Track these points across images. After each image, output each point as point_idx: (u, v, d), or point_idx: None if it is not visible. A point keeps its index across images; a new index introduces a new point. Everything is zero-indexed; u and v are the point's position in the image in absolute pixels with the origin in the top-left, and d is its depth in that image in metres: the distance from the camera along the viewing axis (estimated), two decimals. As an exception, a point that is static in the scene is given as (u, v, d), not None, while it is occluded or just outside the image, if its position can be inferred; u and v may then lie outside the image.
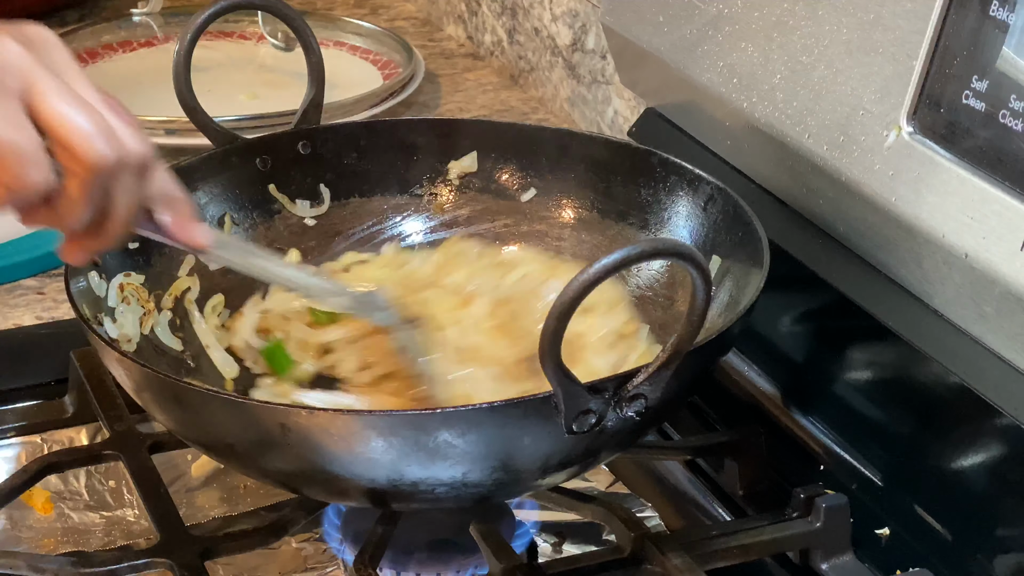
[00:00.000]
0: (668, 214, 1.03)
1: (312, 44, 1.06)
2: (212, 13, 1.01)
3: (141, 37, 1.66)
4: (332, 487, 0.84)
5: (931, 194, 0.87)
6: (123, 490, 1.00)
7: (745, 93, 1.02)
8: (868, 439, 0.96)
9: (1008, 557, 0.86)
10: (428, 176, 1.10)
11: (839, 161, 0.94)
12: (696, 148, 1.12)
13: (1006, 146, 0.83)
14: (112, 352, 0.84)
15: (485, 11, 1.68)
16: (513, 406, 0.78)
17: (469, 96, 1.60)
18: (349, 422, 0.79)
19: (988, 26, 0.84)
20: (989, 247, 0.83)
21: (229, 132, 1.05)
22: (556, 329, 0.73)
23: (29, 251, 1.23)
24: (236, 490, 1.01)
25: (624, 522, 0.89)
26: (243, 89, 1.54)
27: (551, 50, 1.54)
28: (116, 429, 0.98)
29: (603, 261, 0.72)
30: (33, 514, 0.99)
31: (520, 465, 0.81)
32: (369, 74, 1.60)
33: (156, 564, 0.87)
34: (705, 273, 0.74)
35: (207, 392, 0.84)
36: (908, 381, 0.93)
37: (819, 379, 1.00)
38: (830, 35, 0.95)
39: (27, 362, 1.10)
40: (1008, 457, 0.86)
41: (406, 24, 1.79)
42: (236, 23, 1.69)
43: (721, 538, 0.90)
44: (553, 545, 0.96)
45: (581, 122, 1.50)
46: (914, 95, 0.89)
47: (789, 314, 1.03)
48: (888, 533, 0.93)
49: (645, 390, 0.78)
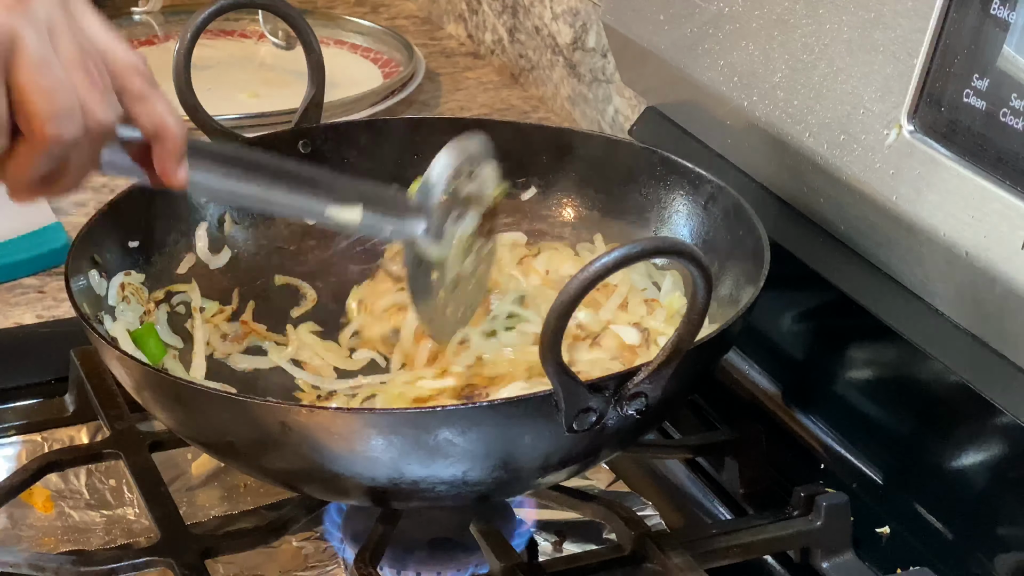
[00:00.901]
0: (668, 213, 1.03)
1: (312, 43, 1.06)
2: (213, 11, 1.01)
3: (141, 35, 1.66)
4: (332, 486, 0.84)
5: (932, 193, 0.87)
6: (123, 489, 1.00)
7: (746, 92, 1.02)
8: (869, 438, 0.96)
9: (1008, 556, 0.86)
10: (428, 175, 1.10)
11: (840, 160, 0.94)
12: (697, 147, 1.12)
13: (1007, 145, 0.83)
14: (112, 351, 0.84)
15: (486, 10, 1.68)
16: (513, 404, 0.79)
17: (470, 95, 1.60)
18: (349, 420, 0.79)
19: (989, 25, 0.84)
20: (989, 246, 0.83)
21: (229, 131, 1.05)
22: (556, 328, 0.73)
23: (29, 250, 1.23)
24: (236, 489, 1.01)
25: (625, 521, 0.89)
26: (243, 88, 1.55)
27: (552, 49, 1.54)
28: (116, 428, 0.98)
29: (603, 259, 0.72)
30: (33, 513, 0.99)
31: (520, 463, 0.81)
32: (370, 73, 1.60)
33: (156, 563, 0.87)
34: (705, 271, 0.74)
35: (207, 390, 0.84)
36: (908, 380, 0.93)
37: (820, 378, 1.00)
38: (831, 34, 0.95)
39: (27, 360, 1.10)
40: (1008, 456, 0.86)
41: (407, 23, 1.79)
42: (236, 22, 1.69)
43: (721, 537, 0.90)
44: (553, 544, 0.96)
45: (582, 121, 1.50)
46: (915, 94, 0.89)
47: (789, 313, 1.03)
48: (888, 532, 0.93)
49: (645, 388, 0.78)
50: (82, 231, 0.94)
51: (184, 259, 1.02)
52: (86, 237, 0.94)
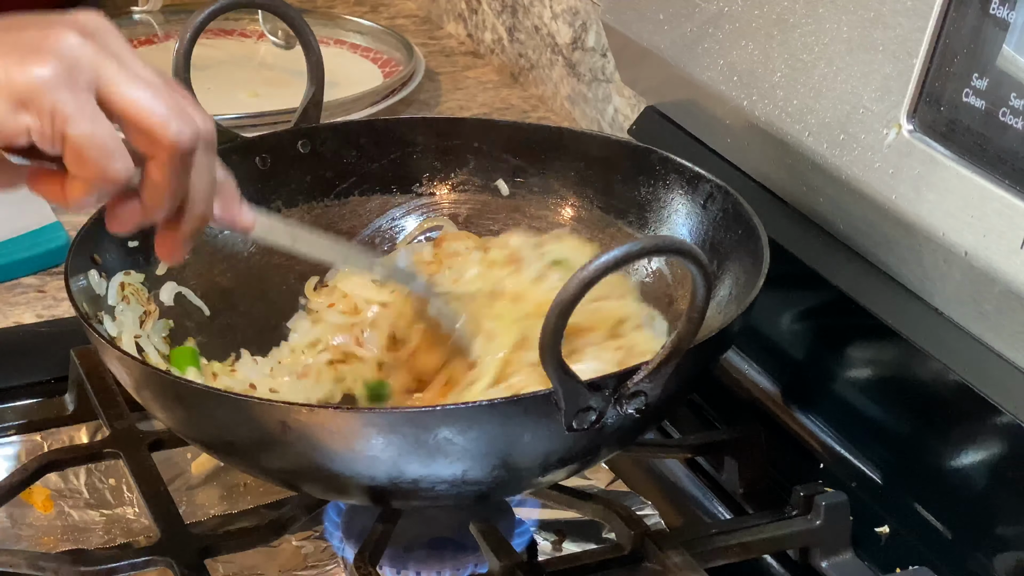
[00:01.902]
0: (668, 212, 1.03)
1: (312, 42, 1.06)
2: (212, 11, 1.01)
3: (141, 35, 1.66)
4: (332, 485, 0.84)
5: (931, 192, 0.87)
6: (123, 488, 1.00)
7: (745, 91, 1.02)
8: (868, 437, 0.96)
9: (1007, 555, 0.86)
10: (428, 175, 1.10)
11: (839, 159, 0.94)
12: (696, 146, 1.12)
13: (1006, 144, 0.83)
14: (112, 350, 0.84)
15: (485, 9, 1.68)
16: (513, 403, 0.79)
17: (469, 94, 1.60)
18: (349, 420, 0.79)
19: (988, 24, 0.84)
20: (989, 245, 0.83)
21: (229, 130, 1.05)
22: (556, 327, 0.73)
23: (29, 249, 1.23)
24: (236, 488, 1.01)
25: (624, 520, 0.89)
26: (243, 87, 1.54)
27: (551, 48, 1.54)
28: (116, 427, 0.98)
29: (603, 258, 0.72)
30: (33, 512, 0.99)
31: (520, 462, 0.81)
32: (369, 72, 1.60)
33: (156, 562, 0.87)
34: (706, 270, 0.74)
35: (207, 390, 0.84)
36: (908, 379, 0.93)
37: (819, 377, 1.00)
38: (830, 33, 0.95)
39: (27, 360, 1.10)
40: (1007, 455, 0.86)
41: (406, 22, 1.79)
42: (236, 21, 1.69)
43: (721, 536, 0.90)
44: (553, 543, 0.96)
45: (581, 120, 1.50)
46: (914, 93, 0.89)
47: (789, 312, 1.03)
48: (888, 531, 0.93)
49: (645, 387, 0.78)
50: (82, 230, 0.94)
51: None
52: (86, 236, 0.94)
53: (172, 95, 0.73)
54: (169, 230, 0.79)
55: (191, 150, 0.74)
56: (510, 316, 0.93)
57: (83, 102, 0.70)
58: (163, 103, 0.72)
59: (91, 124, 0.70)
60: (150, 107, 0.72)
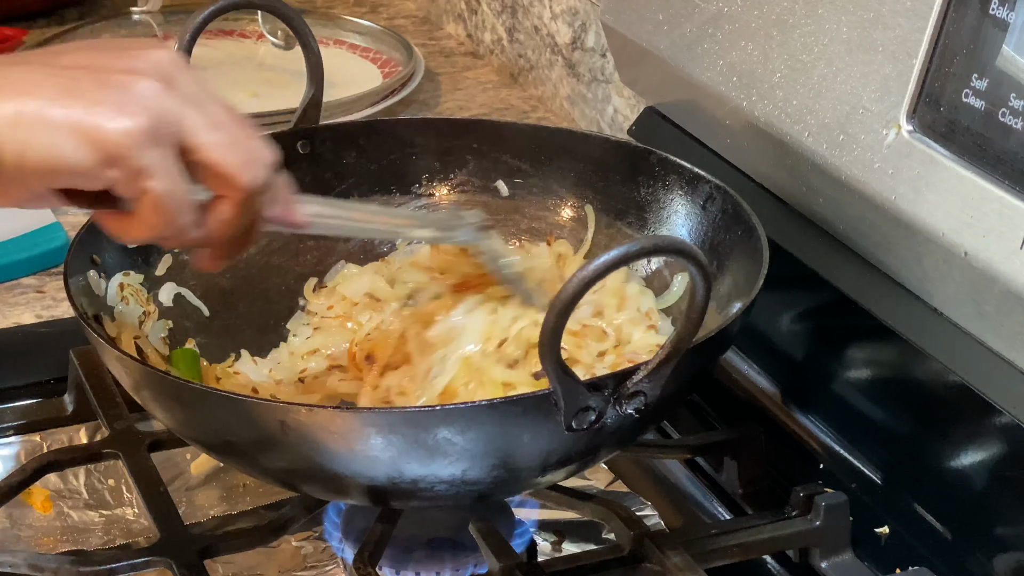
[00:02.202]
0: (667, 213, 1.03)
1: (311, 43, 1.05)
2: (212, 12, 1.00)
3: (141, 35, 1.65)
4: (331, 485, 0.84)
5: (931, 192, 0.87)
6: (122, 489, 1.00)
7: (745, 92, 1.02)
8: (868, 438, 0.96)
9: (1007, 556, 0.86)
10: (427, 175, 1.10)
11: (839, 159, 0.94)
12: (696, 147, 1.12)
13: (1006, 144, 0.83)
14: (111, 350, 0.84)
15: (485, 9, 1.68)
16: (513, 403, 0.78)
17: (469, 94, 1.60)
18: (348, 420, 0.79)
19: (988, 24, 0.84)
20: (988, 245, 0.83)
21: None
22: (555, 326, 0.73)
23: (28, 249, 1.23)
24: (235, 488, 1.01)
25: (624, 520, 0.89)
26: (243, 87, 1.54)
27: (551, 48, 1.54)
28: (115, 428, 0.98)
29: (603, 258, 0.72)
30: (32, 513, 0.99)
31: (519, 463, 0.81)
32: (369, 72, 1.60)
33: (155, 563, 0.87)
34: (705, 270, 0.74)
35: (206, 390, 0.84)
36: (907, 380, 0.93)
37: (819, 378, 1.00)
38: (830, 33, 0.95)
39: (26, 360, 1.10)
40: (1007, 456, 0.86)
41: (406, 22, 1.79)
42: (236, 21, 1.69)
43: (720, 536, 0.90)
44: (552, 544, 0.96)
45: (581, 121, 1.50)
46: (914, 93, 0.89)
47: (788, 313, 1.03)
48: (887, 532, 0.93)
49: (644, 387, 0.78)
50: (81, 231, 0.94)
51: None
52: (85, 237, 0.94)
53: (244, 134, 0.75)
54: (223, 249, 0.79)
55: (263, 190, 0.76)
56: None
57: (168, 159, 0.72)
58: (239, 151, 0.74)
59: (172, 182, 0.72)
60: (226, 156, 0.73)
